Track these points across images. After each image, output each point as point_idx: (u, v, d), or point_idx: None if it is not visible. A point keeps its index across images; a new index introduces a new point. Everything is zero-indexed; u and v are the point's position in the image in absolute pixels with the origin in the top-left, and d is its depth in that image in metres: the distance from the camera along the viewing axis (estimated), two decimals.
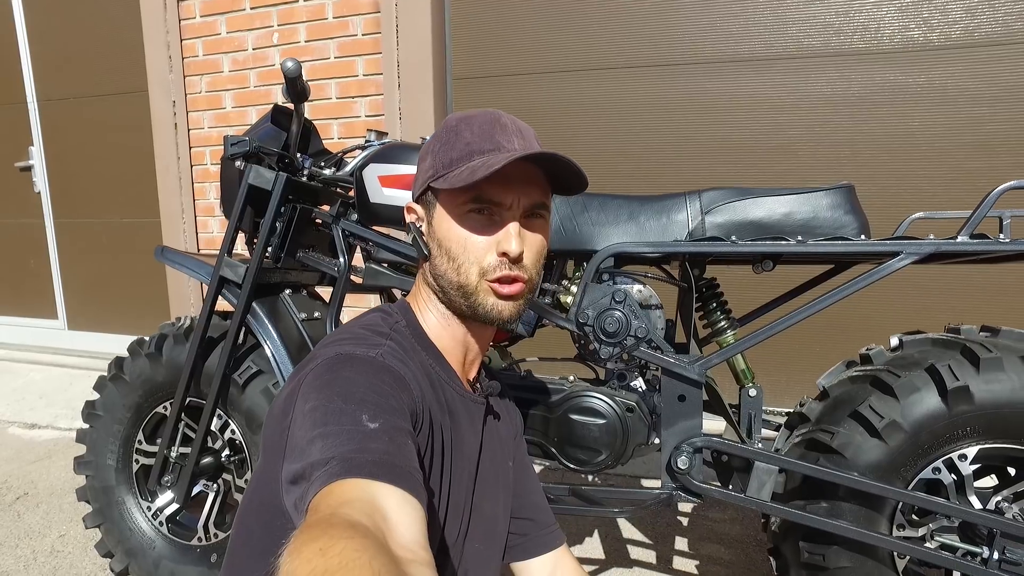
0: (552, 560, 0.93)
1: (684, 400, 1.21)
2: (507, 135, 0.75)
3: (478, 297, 0.75)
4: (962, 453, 1.18)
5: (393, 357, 0.68)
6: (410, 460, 0.55)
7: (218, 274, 1.45)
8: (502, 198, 0.73)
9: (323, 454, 0.53)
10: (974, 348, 1.16)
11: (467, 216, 0.74)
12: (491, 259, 0.74)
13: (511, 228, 0.74)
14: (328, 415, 0.57)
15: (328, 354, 0.66)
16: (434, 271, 0.78)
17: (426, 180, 0.77)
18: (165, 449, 1.54)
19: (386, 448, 0.54)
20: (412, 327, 0.79)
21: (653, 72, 2.56)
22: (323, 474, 0.51)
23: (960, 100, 2.26)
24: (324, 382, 0.62)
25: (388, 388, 0.62)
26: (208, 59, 3.01)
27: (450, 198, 0.75)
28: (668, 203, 1.29)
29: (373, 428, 0.56)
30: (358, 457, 0.51)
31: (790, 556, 1.27)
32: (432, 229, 0.77)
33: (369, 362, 0.65)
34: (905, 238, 1.14)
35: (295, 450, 0.58)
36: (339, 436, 0.55)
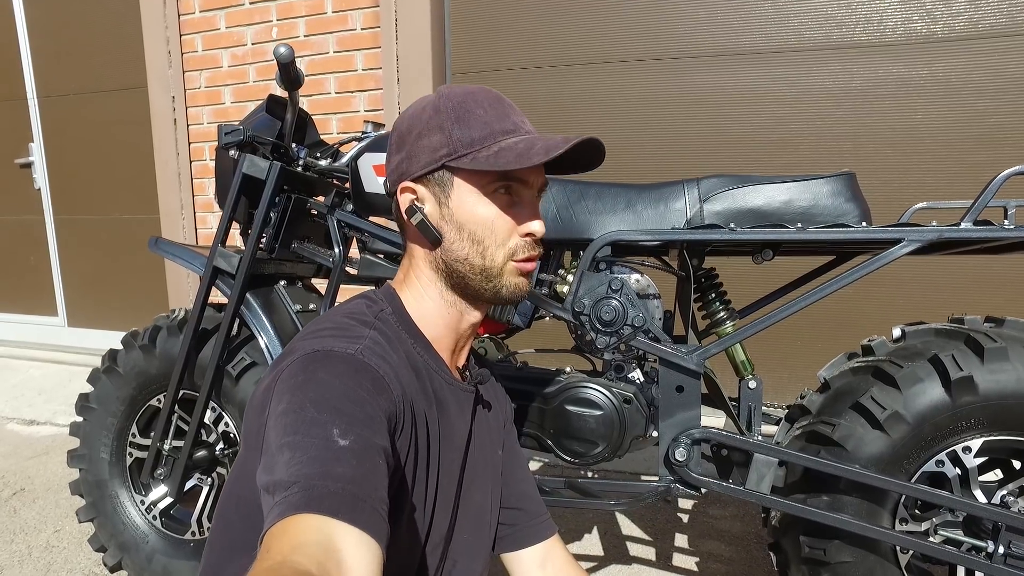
0: (543, 551, 0.91)
1: (682, 391, 1.19)
2: (516, 114, 0.75)
3: (502, 279, 0.74)
4: (966, 445, 1.15)
5: (373, 353, 0.65)
6: (375, 488, 0.53)
7: (212, 264, 1.43)
8: (530, 177, 0.74)
9: (288, 473, 0.51)
10: (978, 338, 1.14)
11: (495, 196, 0.72)
12: (517, 240, 0.74)
13: (535, 208, 0.75)
14: (299, 424, 0.55)
15: (306, 349, 0.64)
16: (450, 256, 0.74)
17: (438, 159, 0.72)
18: (158, 442, 1.52)
19: (352, 474, 0.51)
20: (399, 314, 0.76)
21: (652, 66, 2.54)
22: (283, 501, 0.49)
23: (964, 93, 2.23)
24: (298, 383, 0.59)
25: (364, 393, 0.59)
26: (207, 54, 3.00)
27: (475, 178, 0.72)
28: (666, 191, 1.27)
29: (343, 446, 0.53)
30: (320, 486, 0.49)
31: (791, 551, 1.25)
32: (449, 211, 0.73)
33: (347, 361, 0.62)
34: (907, 225, 1.11)
35: (266, 455, 0.57)
36: (307, 451, 0.53)
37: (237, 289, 1.41)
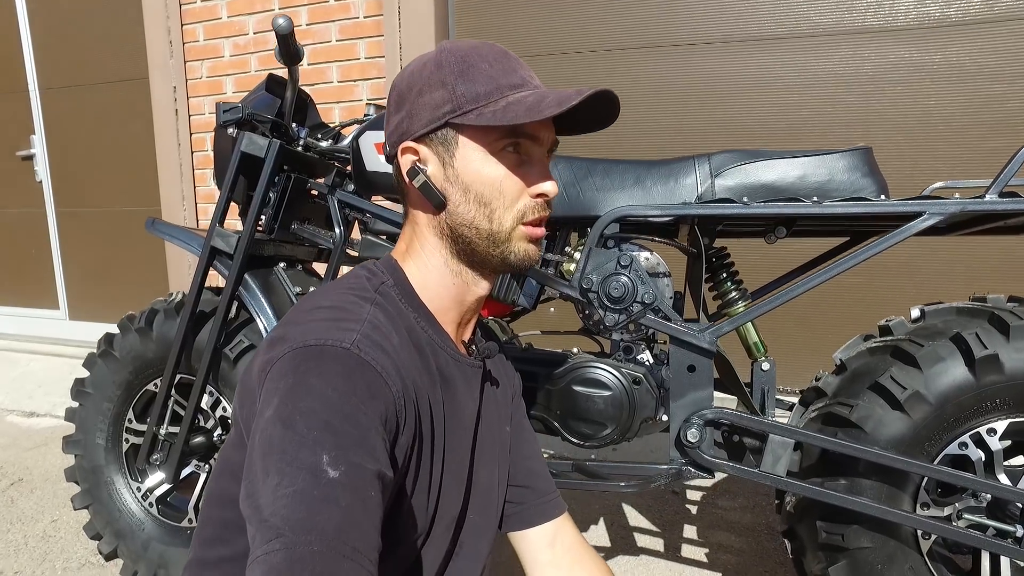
0: (552, 530, 0.87)
1: (694, 371, 1.15)
2: (524, 69, 0.70)
3: (511, 244, 0.69)
4: (991, 427, 1.11)
5: (371, 343, 0.60)
6: (364, 533, 0.50)
7: (209, 244, 1.40)
8: (541, 133, 0.69)
9: (272, 510, 0.49)
10: (1003, 315, 1.09)
11: (501, 154, 0.67)
12: (527, 201, 0.69)
13: (545, 167, 0.70)
14: (286, 444, 0.52)
15: (299, 339, 0.59)
16: (455, 220, 0.69)
17: (443, 115, 0.67)
18: (155, 427, 1.49)
19: (338, 523, 0.49)
20: (401, 287, 0.71)
21: (661, 53, 2.50)
22: (264, 559, 0.47)
23: (979, 78, 2.18)
24: (289, 388, 0.55)
25: (358, 401, 0.55)
26: (209, 44, 2.97)
27: (481, 135, 0.67)
28: (676, 167, 1.23)
29: (332, 478, 0.50)
30: (303, 545, 0.47)
31: (806, 538, 1.21)
32: (453, 172, 0.68)
33: (341, 361, 0.57)
34: (928, 198, 1.07)
35: (249, 469, 0.54)
36: (294, 482, 0.50)
37: (235, 269, 1.37)
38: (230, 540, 0.67)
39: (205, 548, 0.69)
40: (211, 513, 0.69)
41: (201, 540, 0.70)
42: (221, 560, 0.68)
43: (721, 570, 1.68)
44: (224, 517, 0.68)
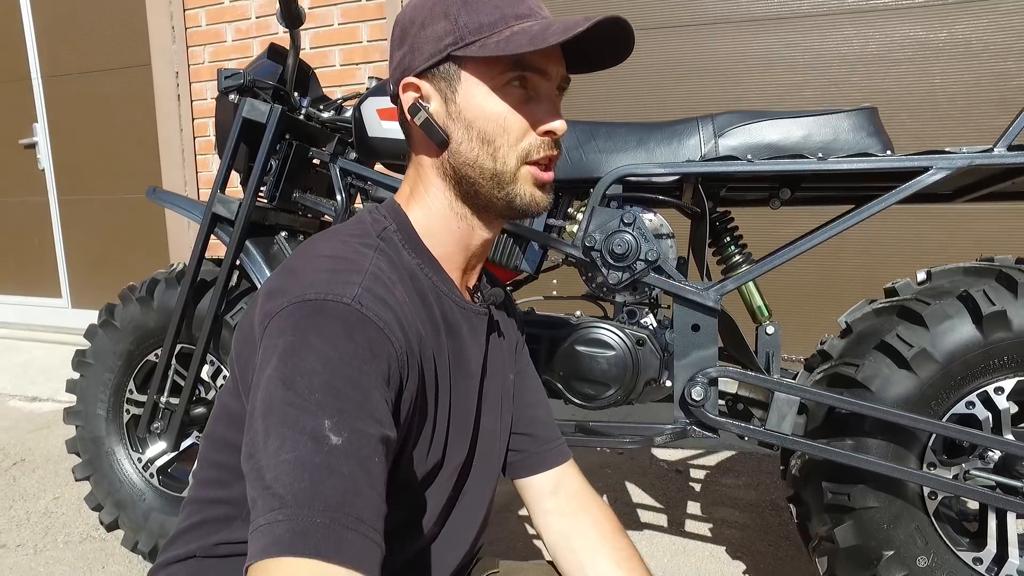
0: (555, 477, 0.86)
1: (698, 330, 1.14)
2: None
3: (516, 186, 0.66)
4: (999, 386, 1.10)
5: (373, 295, 0.58)
6: (368, 502, 0.50)
7: (210, 210, 1.39)
8: (546, 66, 0.65)
9: (273, 475, 0.49)
10: (1011, 273, 1.08)
11: (505, 89, 0.64)
12: (533, 139, 0.65)
13: (554, 104, 0.66)
14: (287, 406, 0.51)
15: (298, 293, 0.57)
16: (458, 160, 0.66)
17: (445, 48, 0.64)
18: (155, 395, 1.48)
19: (342, 493, 0.48)
20: (404, 232, 0.69)
21: (663, 34, 2.49)
22: (267, 530, 0.47)
23: (985, 55, 2.17)
24: (289, 346, 0.54)
25: (359, 360, 0.54)
26: (211, 28, 2.97)
27: (484, 69, 0.64)
28: (679, 127, 1.22)
29: (334, 445, 0.49)
30: (306, 517, 0.47)
31: (812, 500, 1.20)
32: (456, 108, 0.65)
33: (342, 318, 0.55)
34: (935, 152, 1.06)
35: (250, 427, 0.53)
36: (295, 447, 0.49)
37: (236, 235, 1.37)
38: (226, 483, 0.67)
39: (202, 488, 0.69)
40: (208, 455, 0.69)
41: (199, 480, 0.70)
42: (217, 501, 0.67)
43: (725, 544, 1.67)
44: (220, 460, 0.67)
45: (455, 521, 0.75)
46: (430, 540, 0.73)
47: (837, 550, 1.15)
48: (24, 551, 1.71)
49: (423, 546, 0.72)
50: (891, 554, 1.11)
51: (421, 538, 0.71)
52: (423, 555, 0.72)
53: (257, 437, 0.51)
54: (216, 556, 0.67)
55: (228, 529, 0.66)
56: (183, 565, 0.68)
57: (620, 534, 0.81)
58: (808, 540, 1.25)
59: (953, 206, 2.19)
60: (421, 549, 0.72)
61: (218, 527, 0.67)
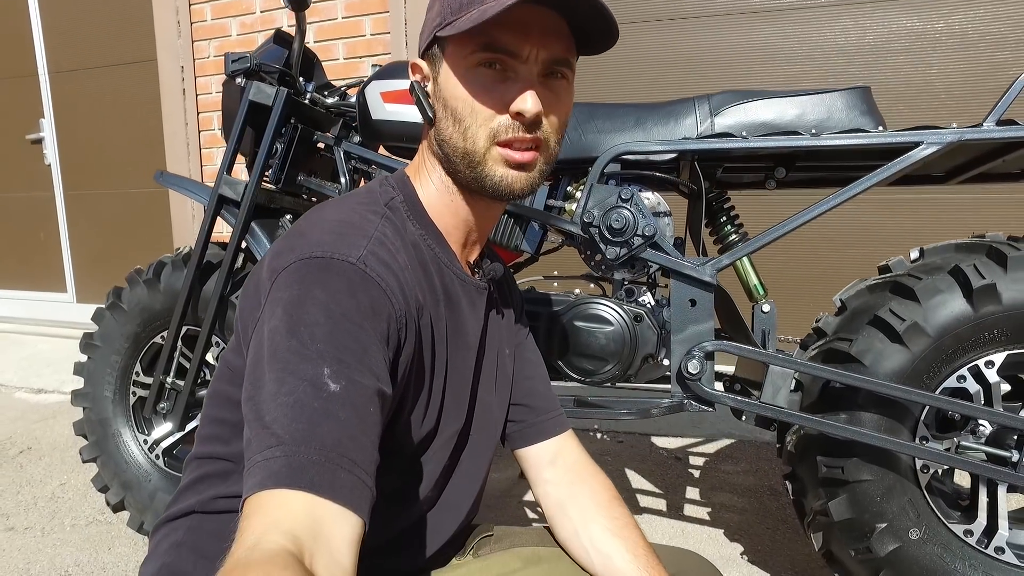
0: (553, 448, 0.87)
1: (695, 305, 1.16)
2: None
3: (486, 167, 0.66)
4: (989, 359, 1.12)
5: (376, 258, 0.60)
6: (362, 447, 0.51)
7: (217, 192, 1.42)
8: (517, 48, 0.62)
9: (272, 416, 0.50)
10: (1001, 248, 1.10)
11: (476, 70, 0.64)
12: (502, 120, 0.64)
13: (527, 84, 0.63)
14: (289, 354, 0.53)
15: (306, 250, 0.59)
16: (439, 136, 0.68)
17: (432, 30, 0.66)
18: (161, 375, 1.51)
19: (337, 436, 0.50)
20: (410, 202, 0.71)
21: (666, 26, 2.52)
22: (264, 465, 0.48)
23: (982, 45, 2.19)
24: (293, 298, 0.56)
25: (360, 316, 0.56)
26: (216, 23, 3.01)
27: (458, 50, 0.65)
28: (676, 107, 1.24)
29: (332, 391, 0.51)
30: (302, 455, 0.48)
31: (807, 476, 1.22)
32: (438, 88, 0.67)
33: (345, 275, 0.57)
34: (926, 127, 1.08)
35: (252, 372, 0.55)
36: (294, 391, 0.51)
37: (242, 217, 1.40)
38: (226, 439, 0.69)
39: (203, 444, 0.71)
40: (210, 412, 0.71)
41: (200, 437, 0.72)
42: (216, 457, 0.69)
43: (723, 527, 1.69)
44: (222, 417, 0.69)
45: (451, 490, 0.77)
46: (426, 508, 0.75)
47: (831, 524, 1.17)
48: (32, 533, 1.73)
49: (419, 513, 0.74)
50: (884, 527, 1.13)
51: (417, 505, 0.72)
52: (419, 522, 0.74)
53: (258, 382, 0.53)
54: (214, 511, 0.69)
55: (225, 483, 0.69)
56: (183, 521, 0.69)
57: (616, 503, 0.82)
58: (804, 516, 1.26)
59: (949, 194, 2.21)
60: (417, 516, 0.74)
61: (216, 481, 0.69)
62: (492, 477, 1.98)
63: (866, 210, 2.33)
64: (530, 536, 0.86)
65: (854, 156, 1.23)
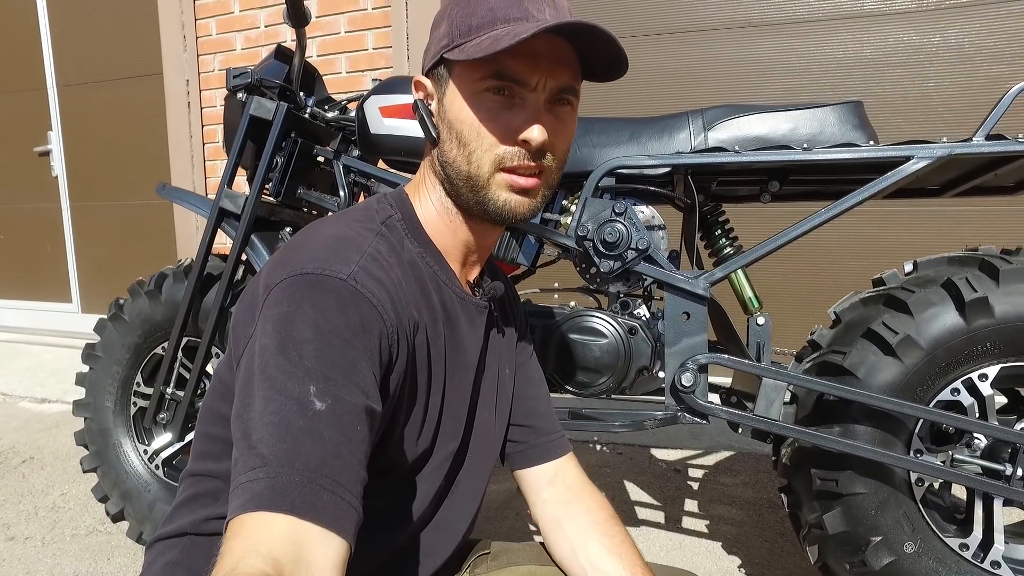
0: (553, 469, 0.87)
1: (688, 318, 1.17)
2: (537, 2, 0.64)
3: (489, 191, 0.66)
4: (982, 373, 1.12)
5: (369, 275, 0.60)
6: (348, 467, 0.51)
7: (218, 205, 1.44)
8: (526, 76, 0.63)
9: (258, 436, 0.50)
10: (993, 261, 1.11)
11: (484, 96, 0.64)
12: (508, 147, 0.64)
13: (535, 113, 0.64)
14: (278, 371, 0.53)
15: (299, 266, 0.59)
16: (442, 158, 0.68)
17: (439, 50, 0.66)
18: (161, 386, 1.52)
19: (323, 453, 0.50)
20: (408, 221, 0.70)
21: (662, 40, 2.54)
22: (247, 486, 0.48)
23: (978, 59, 2.20)
24: (284, 315, 0.56)
25: (350, 332, 0.56)
26: (221, 37, 3.05)
27: (466, 73, 0.64)
28: (670, 122, 1.26)
29: (318, 410, 0.51)
30: (285, 476, 0.48)
31: (802, 489, 1.22)
32: (443, 109, 0.67)
33: (336, 291, 0.57)
34: (917, 142, 1.09)
35: (241, 390, 0.55)
36: (280, 410, 0.51)
37: (242, 229, 1.41)
38: (217, 456, 0.69)
39: (197, 461, 0.71)
40: (203, 429, 0.71)
41: (195, 454, 0.72)
42: (208, 474, 0.70)
43: (720, 540, 1.68)
44: (214, 433, 0.70)
45: (448, 510, 0.77)
46: (423, 527, 0.74)
47: (826, 537, 1.17)
48: (32, 543, 1.74)
49: (416, 533, 0.73)
50: (879, 540, 1.13)
51: (413, 525, 0.72)
52: (416, 542, 0.74)
53: (245, 400, 0.54)
54: (205, 534, 0.69)
55: (216, 504, 0.69)
56: (178, 541, 0.69)
57: (613, 522, 0.82)
58: (799, 529, 1.26)
59: (948, 205, 2.22)
60: (414, 536, 0.73)
61: (208, 501, 0.69)
62: (490, 489, 1.98)
63: (866, 221, 2.34)
64: (527, 553, 0.85)
65: (847, 170, 1.24)
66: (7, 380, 3.28)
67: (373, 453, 0.61)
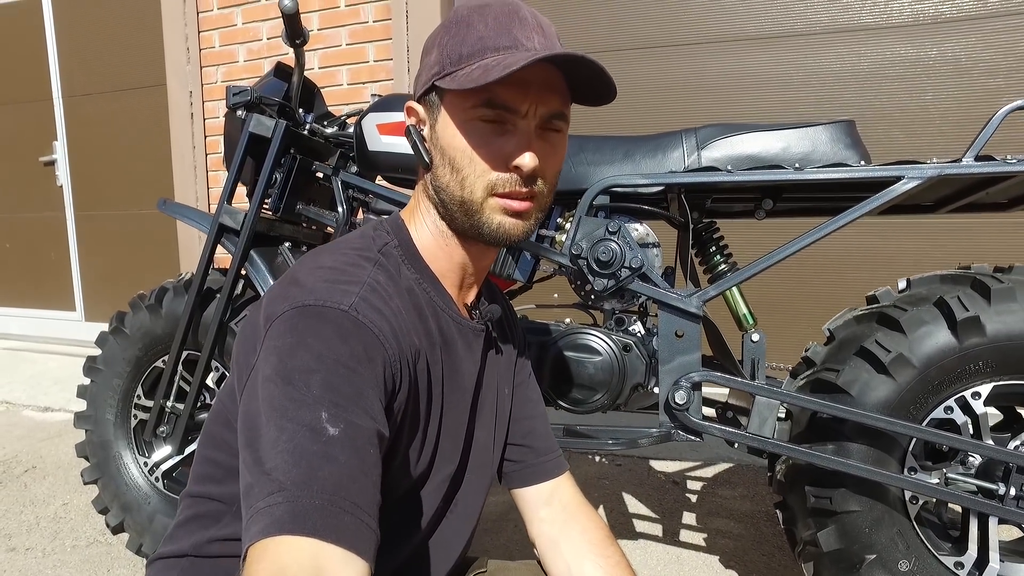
0: (549, 489, 0.87)
1: (682, 336, 1.18)
2: (527, 30, 0.65)
3: (483, 215, 0.67)
4: (975, 391, 1.12)
5: (369, 305, 0.60)
6: (364, 489, 0.52)
7: (217, 221, 1.45)
8: (517, 104, 0.64)
9: (273, 464, 0.51)
10: (985, 280, 1.11)
11: (475, 123, 0.65)
12: (500, 174, 0.65)
13: (526, 140, 0.65)
14: (287, 401, 0.54)
15: (299, 299, 0.60)
16: (436, 183, 0.69)
17: (431, 78, 0.67)
18: (162, 399, 1.53)
19: (338, 479, 0.51)
20: (404, 247, 0.71)
21: (659, 53, 2.56)
22: (267, 512, 0.49)
23: (975, 72, 2.21)
24: (287, 347, 0.57)
25: (354, 363, 0.57)
26: (224, 50, 3.08)
27: (458, 101, 0.66)
28: (663, 140, 1.27)
29: (331, 435, 0.52)
30: (304, 500, 0.49)
31: (796, 506, 1.22)
32: (435, 135, 0.68)
33: (338, 322, 0.58)
34: (907, 162, 1.10)
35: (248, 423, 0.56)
36: (293, 438, 0.52)
37: (242, 245, 1.43)
38: (219, 479, 0.70)
39: (197, 483, 0.72)
40: (204, 453, 0.72)
41: (195, 476, 0.73)
42: (209, 497, 0.71)
43: (719, 554, 1.68)
44: (214, 457, 0.71)
45: (446, 530, 0.77)
46: (420, 547, 0.75)
47: (821, 554, 1.17)
48: (33, 554, 1.75)
49: (412, 553, 0.74)
50: (873, 558, 1.13)
51: (411, 545, 0.73)
52: (413, 562, 0.75)
53: (257, 430, 0.54)
54: (207, 556, 0.69)
55: (218, 525, 0.69)
56: (176, 562, 0.70)
57: (609, 543, 0.83)
58: (795, 545, 1.26)
59: (946, 219, 2.22)
60: (410, 556, 0.74)
61: (209, 523, 0.70)
62: (489, 501, 1.99)
63: (866, 234, 2.35)
64: (523, 572, 0.86)
65: (839, 188, 1.25)
66: (11, 388, 3.31)
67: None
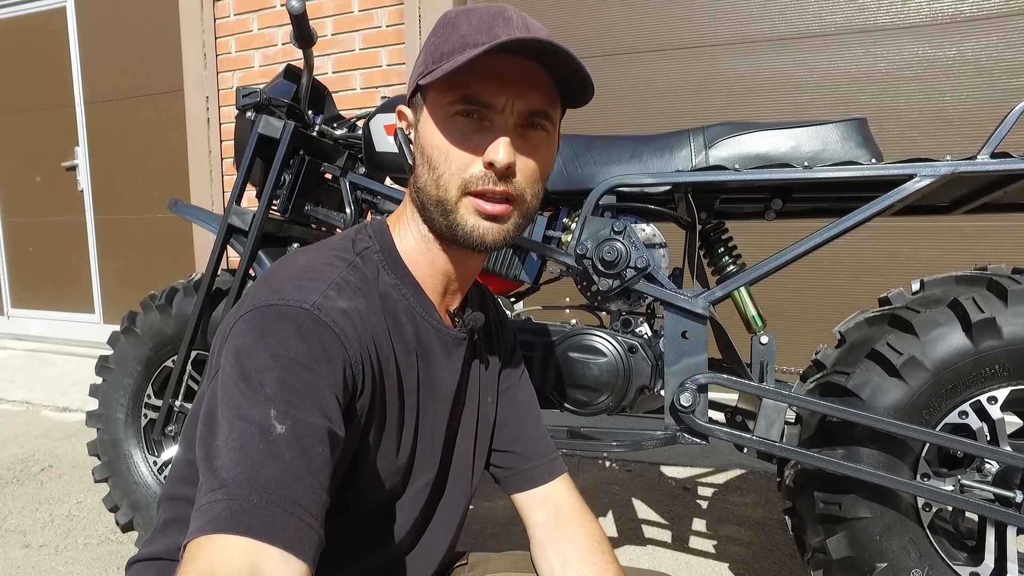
0: (543, 492, 0.86)
1: (688, 337, 1.16)
2: (509, 28, 0.63)
3: (457, 215, 0.65)
4: (992, 395, 1.09)
5: (332, 305, 0.60)
6: (308, 488, 0.51)
7: (226, 222, 1.47)
8: (493, 99, 0.63)
9: (220, 461, 0.51)
10: (1001, 281, 1.08)
11: (452, 120, 0.64)
12: (475, 170, 0.63)
13: (501, 135, 0.63)
14: (241, 398, 0.54)
15: (262, 299, 0.60)
16: (416, 183, 0.68)
17: (415, 78, 0.67)
18: (171, 399, 1.55)
19: (280, 477, 0.50)
20: (386, 252, 0.70)
21: (673, 55, 2.54)
22: (207, 508, 0.49)
23: (995, 72, 2.17)
24: (246, 346, 0.57)
25: (310, 361, 0.56)
26: (240, 55, 3.12)
27: (437, 99, 0.65)
28: (671, 140, 1.26)
29: (278, 433, 0.51)
30: (244, 498, 0.48)
31: (806, 512, 1.19)
32: (418, 135, 0.68)
33: (297, 321, 0.57)
34: (920, 160, 1.07)
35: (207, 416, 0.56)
36: (240, 435, 0.51)
37: (250, 245, 1.44)
38: (193, 481, 0.69)
39: (174, 485, 0.72)
40: (181, 454, 0.72)
41: (172, 478, 0.73)
42: (184, 499, 0.70)
43: (729, 561, 1.65)
44: (190, 459, 0.70)
45: (427, 538, 0.77)
46: (400, 555, 0.74)
47: (831, 562, 1.14)
48: (46, 551, 1.77)
49: (392, 560, 0.74)
50: (884, 566, 1.10)
51: (391, 552, 0.72)
52: (393, 569, 0.74)
53: (213, 427, 0.54)
54: (177, 560, 0.70)
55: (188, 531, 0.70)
56: (153, 564, 0.70)
57: (597, 549, 0.81)
58: (804, 552, 1.24)
59: (962, 221, 2.17)
60: (390, 563, 0.74)
61: (182, 527, 0.69)
62: (496, 504, 1.98)
63: (880, 236, 2.30)
64: (503, 562, 0.86)
65: (850, 188, 1.22)
66: (31, 389, 3.36)
67: (344, 485, 0.61)
